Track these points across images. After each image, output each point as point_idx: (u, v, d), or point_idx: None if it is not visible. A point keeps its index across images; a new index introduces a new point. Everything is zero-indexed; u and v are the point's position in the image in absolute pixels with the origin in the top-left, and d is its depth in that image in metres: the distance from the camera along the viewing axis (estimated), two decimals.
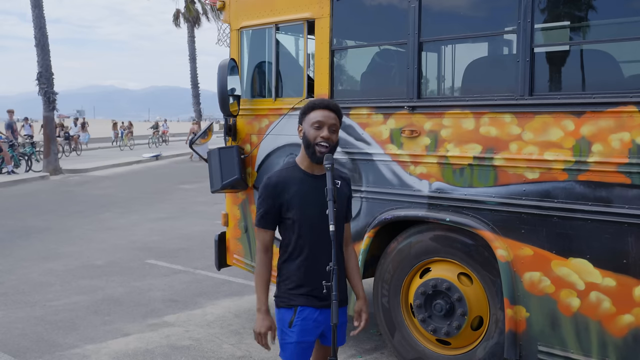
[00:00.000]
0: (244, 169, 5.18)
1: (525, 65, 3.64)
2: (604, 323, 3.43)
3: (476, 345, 4.04)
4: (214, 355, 4.71)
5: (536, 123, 3.61)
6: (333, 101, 2.82)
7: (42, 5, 19.22)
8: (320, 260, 2.67)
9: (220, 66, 5.12)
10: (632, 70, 3.87)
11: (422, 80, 4.23)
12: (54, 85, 19.58)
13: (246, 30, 5.26)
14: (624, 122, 3.30)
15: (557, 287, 3.58)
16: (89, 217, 11.23)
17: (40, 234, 9.61)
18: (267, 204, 2.72)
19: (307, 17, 4.69)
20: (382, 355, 4.72)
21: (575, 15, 3.88)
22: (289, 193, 2.70)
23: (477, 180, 3.85)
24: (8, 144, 18.28)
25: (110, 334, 5.17)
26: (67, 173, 19.65)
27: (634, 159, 3.26)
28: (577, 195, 3.46)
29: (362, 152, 4.40)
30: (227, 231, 5.54)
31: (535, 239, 3.63)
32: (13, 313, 5.73)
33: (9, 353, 4.75)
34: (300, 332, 2.73)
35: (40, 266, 7.53)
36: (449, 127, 3.97)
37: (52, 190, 15.58)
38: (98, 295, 6.34)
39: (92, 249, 8.52)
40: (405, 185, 4.19)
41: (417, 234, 4.22)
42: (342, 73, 4.87)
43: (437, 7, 4.21)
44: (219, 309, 5.87)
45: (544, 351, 3.66)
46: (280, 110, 4.93)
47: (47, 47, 19.28)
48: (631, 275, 3.31)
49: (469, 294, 4.01)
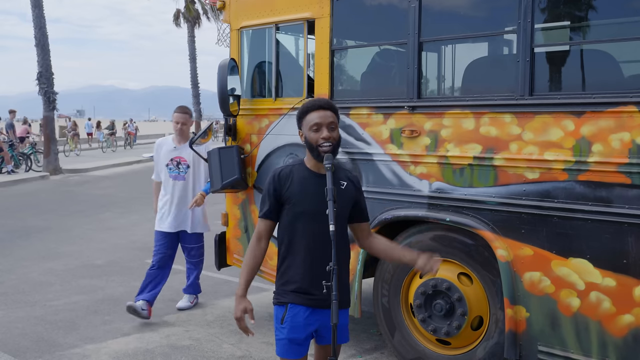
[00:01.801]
0: (244, 169, 5.18)
1: (525, 65, 3.64)
2: (604, 323, 3.43)
3: (476, 345, 4.04)
4: (214, 355, 4.71)
5: (536, 123, 3.61)
6: (325, 99, 2.84)
7: (42, 5, 19.21)
8: (317, 260, 2.69)
9: (220, 66, 5.12)
10: (632, 70, 3.87)
11: (422, 80, 4.23)
12: (54, 85, 19.56)
13: (246, 30, 5.26)
14: (624, 122, 3.30)
15: (557, 287, 3.58)
16: (89, 216, 11.23)
17: (40, 233, 9.61)
18: (270, 195, 2.78)
19: (307, 17, 4.68)
20: (382, 355, 4.72)
21: (575, 15, 3.88)
22: (292, 187, 2.74)
23: (477, 180, 3.85)
24: (8, 144, 18.29)
25: (110, 334, 5.16)
26: (67, 173, 19.65)
27: (634, 159, 3.26)
28: (577, 195, 3.46)
29: (362, 152, 4.40)
30: (227, 231, 5.55)
31: (536, 239, 3.63)
32: (13, 313, 5.73)
33: (9, 353, 4.74)
34: (290, 329, 2.76)
35: (40, 266, 7.53)
36: (449, 127, 3.97)
37: (52, 190, 15.58)
38: (98, 295, 6.34)
39: (92, 249, 8.52)
40: (405, 185, 4.19)
41: (417, 234, 4.22)
42: (342, 73, 4.87)
43: (437, 7, 4.21)
44: (219, 309, 5.87)
45: (544, 351, 3.66)
46: (280, 110, 4.92)
47: (47, 47, 19.27)
48: (631, 275, 3.31)
49: (469, 294, 4.01)
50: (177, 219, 5.56)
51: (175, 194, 5.55)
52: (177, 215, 5.55)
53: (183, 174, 5.56)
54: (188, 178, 5.56)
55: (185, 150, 5.53)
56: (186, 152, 5.51)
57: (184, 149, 5.54)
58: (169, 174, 5.58)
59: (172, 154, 5.58)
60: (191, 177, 5.57)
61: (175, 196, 5.55)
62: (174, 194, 5.56)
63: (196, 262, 5.81)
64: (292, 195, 2.74)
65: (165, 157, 5.59)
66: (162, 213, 5.62)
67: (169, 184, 5.59)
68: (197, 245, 5.75)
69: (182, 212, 5.55)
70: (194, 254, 5.77)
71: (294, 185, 2.74)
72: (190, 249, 5.74)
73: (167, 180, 5.60)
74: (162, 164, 5.62)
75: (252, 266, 2.82)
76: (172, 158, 5.57)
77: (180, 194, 5.55)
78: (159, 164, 5.66)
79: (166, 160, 5.58)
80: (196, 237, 5.71)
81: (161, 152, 5.64)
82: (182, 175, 5.55)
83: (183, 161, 5.56)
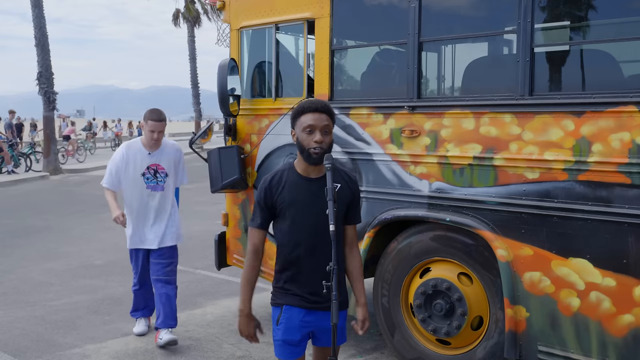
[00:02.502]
0: (244, 168, 5.18)
1: (525, 65, 3.64)
2: (604, 323, 3.43)
3: (476, 345, 4.04)
4: (214, 355, 4.71)
5: (536, 123, 3.61)
6: (322, 102, 2.79)
7: (42, 5, 19.21)
8: (310, 262, 2.70)
9: (220, 66, 5.12)
10: (632, 70, 3.87)
11: (422, 80, 4.23)
12: (54, 85, 19.57)
13: (246, 30, 5.26)
14: (624, 122, 3.30)
15: (557, 287, 3.58)
16: (89, 216, 11.23)
17: (40, 233, 9.62)
18: (261, 204, 2.76)
19: (307, 17, 4.68)
20: (382, 355, 4.72)
21: (575, 15, 3.88)
22: (282, 194, 2.72)
23: (477, 180, 3.85)
24: (8, 144, 18.29)
25: (110, 334, 5.17)
26: (67, 173, 19.66)
27: (634, 159, 3.26)
28: (577, 195, 3.46)
29: (362, 152, 4.40)
30: (227, 231, 5.55)
31: (535, 239, 3.63)
32: (13, 313, 5.73)
33: (9, 353, 4.75)
34: (285, 330, 2.77)
35: (40, 266, 7.53)
36: (449, 127, 3.97)
37: (52, 190, 15.58)
38: (98, 295, 6.34)
39: (92, 249, 8.52)
40: (405, 185, 4.19)
41: (417, 234, 4.22)
42: (342, 73, 4.87)
43: (437, 7, 4.21)
44: (219, 309, 5.87)
45: (544, 351, 3.66)
46: (280, 110, 4.92)
47: (47, 47, 19.28)
48: (631, 275, 3.31)
49: (469, 294, 4.01)
50: (157, 233, 4.90)
51: (153, 206, 4.88)
52: (157, 230, 4.90)
53: (162, 184, 4.88)
54: (167, 188, 4.92)
55: (161, 156, 4.87)
56: (164, 158, 4.88)
57: (160, 155, 4.87)
58: (145, 184, 4.83)
59: (146, 161, 4.83)
60: (171, 186, 4.95)
61: (152, 209, 4.87)
62: (150, 207, 4.88)
63: (174, 279, 5.00)
64: (283, 201, 2.72)
65: (140, 165, 4.82)
66: (138, 228, 4.90)
67: (144, 195, 4.85)
68: (174, 259, 5.02)
69: (162, 226, 4.90)
70: (171, 269, 4.97)
71: (285, 191, 2.72)
72: (166, 264, 4.93)
73: (142, 190, 4.84)
74: (133, 173, 4.82)
75: (253, 280, 2.80)
76: (149, 166, 4.83)
77: (159, 205, 4.89)
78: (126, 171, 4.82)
79: (141, 168, 4.82)
80: (174, 250, 5.03)
81: (131, 158, 4.82)
82: (160, 185, 4.88)
83: (161, 169, 4.87)
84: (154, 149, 4.84)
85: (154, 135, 4.73)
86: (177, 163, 4.99)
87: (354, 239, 2.89)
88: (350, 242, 2.88)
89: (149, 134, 4.74)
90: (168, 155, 4.91)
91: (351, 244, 2.88)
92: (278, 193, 2.72)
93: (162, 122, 4.79)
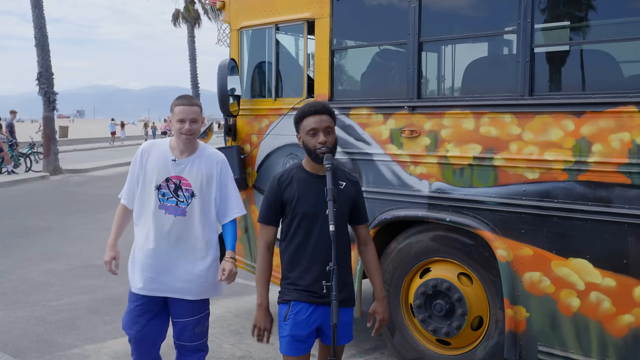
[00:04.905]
0: (244, 169, 5.18)
1: (525, 65, 3.64)
2: (604, 323, 3.43)
3: (476, 345, 4.04)
4: (214, 355, 4.71)
5: (536, 123, 3.61)
6: (322, 103, 2.90)
7: (42, 5, 19.22)
8: (320, 259, 2.76)
9: (220, 66, 5.12)
10: (632, 70, 3.87)
11: (422, 80, 4.23)
12: (54, 85, 19.56)
13: (246, 30, 5.26)
14: (624, 122, 3.30)
15: (557, 287, 3.58)
16: (89, 216, 11.23)
17: (40, 233, 9.61)
18: (270, 200, 2.86)
19: (307, 17, 4.69)
20: (382, 355, 4.72)
21: (575, 15, 3.88)
22: (292, 191, 2.82)
23: (477, 181, 3.85)
24: (8, 144, 18.29)
25: (110, 334, 5.17)
26: (67, 173, 19.64)
27: (634, 159, 3.26)
28: (577, 195, 3.46)
29: (362, 152, 4.40)
30: None
31: (535, 239, 3.63)
32: (13, 313, 5.73)
33: (9, 353, 4.74)
34: (293, 325, 2.81)
35: (40, 266, 7.53)
36: (449, 127, 3.97)
37: (52, 190, 15.57)
38: (98, 295, 6.34)
39: (92, 249, 8.51)
40: (405, 185, 4.19)
41: (417, 234, 4.22)
42: (342, 73, 4.88)
43: (437, 7, 4.21)
44: (219, 309, 5.87)
45: (544, 351, 3.67)
46: (280, 110, 4.93)
47: (47, 47, 19.27)
48: (631, 275, 3.31)
49: (469, 294, 4.01)
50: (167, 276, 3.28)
51: (168, 237, 3.26)
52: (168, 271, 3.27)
53: (184, 206, 3.25)
54: (191, 213, 3.26)
55: (192, 166, 3.28)
56: (194, 170, 3.27)
57: (191, 165, 3.28)
58: (158, 202, 3.26)
59: (168, 170, 3.26)
60: (197, 212, 3.27)
61: (166, 240, 3.27)
62: (162, 236, 3.26)
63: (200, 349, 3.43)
64: (292, 198, 2.81)
65: (158, 174, 3.27)
66: (141, 264, 3.31)
67: (159, 217, 3.26)
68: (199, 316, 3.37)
69: (179, 269, 3.28)
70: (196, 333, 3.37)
71: (293, 188, 2.82)
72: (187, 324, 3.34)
73: (156, 211, 3.26)
74: (145, 183, 3.30)
75: (268, 275, 2.90)
76: (170, 177, 3.26)
77: (177, 236, 3.27)
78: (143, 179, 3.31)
79: (158, 179, 3.26)
80: (200, 305, 3.39)
81: (149, 163, 3.30)
82: (181, 209, 3.25)
83: (185, 184, 3.26)
84: (185, 154, 3.27)
85: (185, 125, 3.17)
86: (214, 179, 3.32)
87: (367, 237, 3.01)
88: (364, 240, 3.00)
89: (178, 125, 3.19)
90: (200, 166, 3.29)
91: (365, 242, 3.00)
92: (288, 189, 2.82)
93: (195, 107, 3.23)
